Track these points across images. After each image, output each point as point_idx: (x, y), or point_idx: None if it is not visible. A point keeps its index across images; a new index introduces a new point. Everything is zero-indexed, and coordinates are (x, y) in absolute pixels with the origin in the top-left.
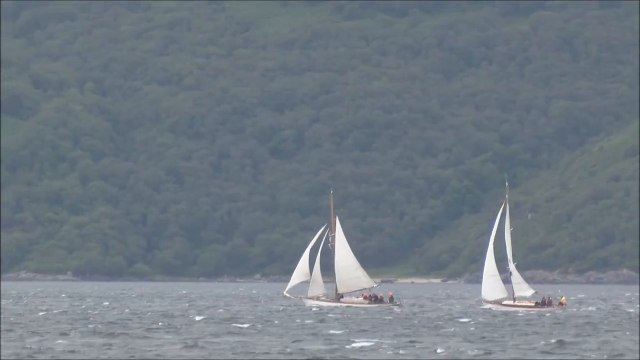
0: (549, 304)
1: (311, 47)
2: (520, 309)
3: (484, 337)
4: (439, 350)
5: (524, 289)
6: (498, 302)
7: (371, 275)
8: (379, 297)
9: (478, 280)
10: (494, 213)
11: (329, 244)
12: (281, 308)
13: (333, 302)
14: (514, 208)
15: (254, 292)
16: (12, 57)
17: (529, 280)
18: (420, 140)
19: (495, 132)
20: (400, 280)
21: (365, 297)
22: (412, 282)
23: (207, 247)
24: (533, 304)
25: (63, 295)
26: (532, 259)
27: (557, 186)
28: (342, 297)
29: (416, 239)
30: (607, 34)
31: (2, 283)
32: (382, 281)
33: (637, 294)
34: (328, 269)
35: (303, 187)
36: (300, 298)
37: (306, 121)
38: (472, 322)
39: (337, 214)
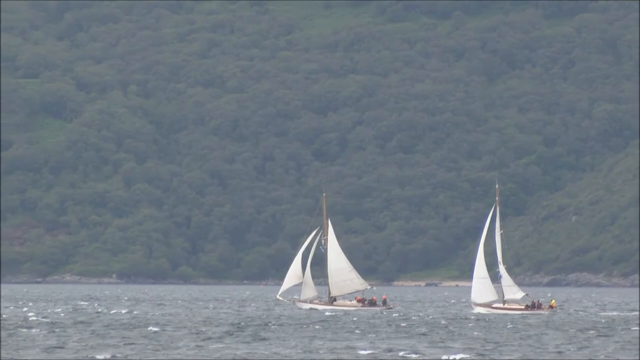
0: (539, 306)
1: (354, 50)
2: (510, 312)
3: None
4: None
5: (514, 292)
6: (488, 304)
7: (415, 278)
8: (372, 300)
9: (523, 283)
10: (537, 216)
11: (321, 247)
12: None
13: (326, 305)
14: (557, 211)
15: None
16: (56, 59)
17: (573, 284)
18: (464, 142)
19: (538, 135)
20: (445, 283)
21: (358, 301)
22: (457, 285)
23: (251, 250)
24: (523, 307)
25: (200, 302)
26: (576, 262)
27: (601, 189)
28: (335, 300)
29: (460, 241)
30: None
31: (48, 286)
32: (427, 284)
33: None
34: (318, 270)
35: (346, 190)
36: (294, 301)
37: (350, 124)
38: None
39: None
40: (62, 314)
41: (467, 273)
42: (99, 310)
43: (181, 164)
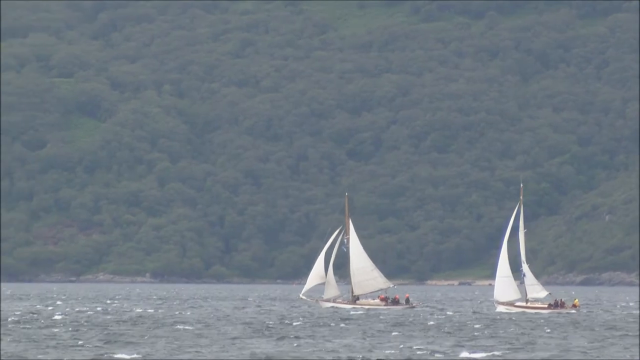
0: (562, 305)
1: (388, 50)
2: (533, 311)
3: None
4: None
5: (537, 291)
6: (511, 303)
7: (448, 277)
8: (395, 299)
9: (556, 282)
10: (571, 215)
11: (343, 247)
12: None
13: (349, 304)
14: (591, 210)
15: None
16: (90, 59)
17: (607, 283)
18: (498, 142)
19: (572, 134)
20: (478, 282)
21: (382, 299)
22: (490, 284)
23: (285, 249)
24: (546, 306)
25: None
26: (610, 261)
27: (635, 188)
28: (358, 299)
29: (493, 241)
30: None
31: (81, 285)
32: (460, 283)
33: None
34: (342, 270)
35: (380, 189)
36: (317, 300)
37: (384, 123)
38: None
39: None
40: (89, 312)
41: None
42: (127, 309)
43: (215, 163)
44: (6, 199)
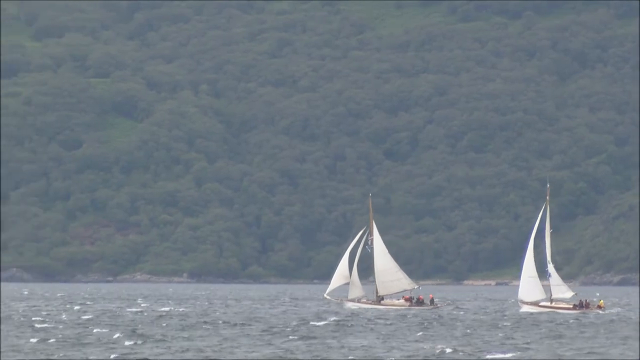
0: (587, 306)
1: (425, 49)
2: (558, 311)
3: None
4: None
5: (563, 291)
6: (535, 303)
7: (485, 277)
8: (419, 299)
9: (593, 282)
10: (608, 215)
11: (367, 247)
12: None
13: (374, 304)
14: (628, 210)
15: None
16: (126, 59)
17: None
18: (535, 142)
19: (609, 134)
20: (515, 283)
21: (406, 300)
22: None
23: (322, 249)
24: (571, 306)
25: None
26: None
27: None
28: (382, 299)
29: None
30: None
31: (118, 285)
32: (497, 283)
33: None
34: (366, 270)
35: (417, 189)
36: (341, 300)
37: (421, 123)
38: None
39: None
40: (128, 313)
41: (537, 272)
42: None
43: (252, 163)
44: (43, 199)
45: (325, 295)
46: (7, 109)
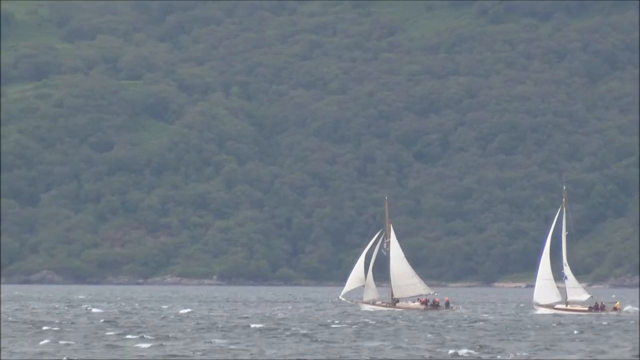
0: (602, 308)
1: (456, 51)
2: (573, 313)
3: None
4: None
5: (579, 293)
6: (551, 305)
7: (515, 279)
8: (435, 302)
9: (623, 284)
10: (638, 217)
11: (383, 250)
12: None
13: (389, 306)
14: None
15: None
16: (158, 61)
17: None
18: (565, 144)
19: None
20: None
21: (422, 302)
22: (557, 287)
23: (352, 251)
24: (586, 309)
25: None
26: None
27: None
28: (397, 301)
29: (561, 243)
30: None
31: (149, 287)
32: (527, 285)
33: None
34: (382, 273)
35: (448, 191)
36: (357, 302)
37: (451, 125)
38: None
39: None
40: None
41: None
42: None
43: (282, 165)
44: (74, 201)
45: (340, 297)
46: (38, 111)
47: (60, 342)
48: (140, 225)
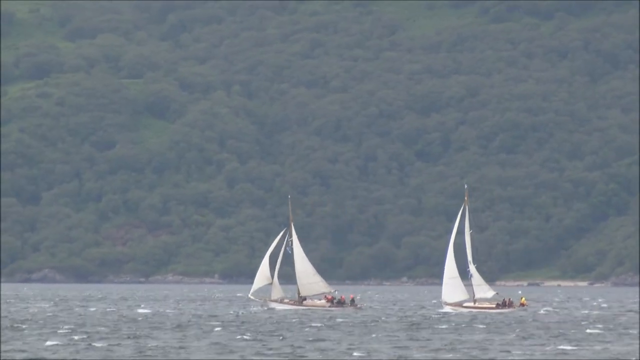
0: (510, 304)
1: (457, 50)
2: (481, 311)
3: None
4: None
5: (484, 291)
6: (459, 304)
7: (517, 278)
8: (341, 299)
9: (625, 283)
10: (639, 216)
11: (288, 249)
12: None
13: (296, 304)
14: None
15: None
16: (159, 60)
17: None
18: (567, 143)
19: None
20: (547, 283)
21: (328, 300)
22: (559, 285)
23: (353, 250)
24: (494, 306)
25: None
26: None
27: None
28: (304, 299)
29: (562, 241)
30: None
31: (151, 286)
32: (529, 284)
33: None
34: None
35: (449, 190)
36: (265, 300)
37: (452, 124)
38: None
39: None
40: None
41: (568, 273)
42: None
43: (284, 164)
44: (75, 200)
45: (249, 296)
46: (40, 109)
47: None
48: (141, 224)
